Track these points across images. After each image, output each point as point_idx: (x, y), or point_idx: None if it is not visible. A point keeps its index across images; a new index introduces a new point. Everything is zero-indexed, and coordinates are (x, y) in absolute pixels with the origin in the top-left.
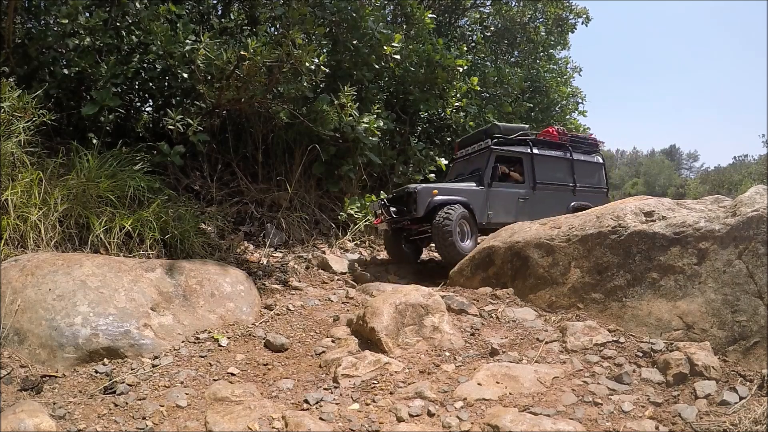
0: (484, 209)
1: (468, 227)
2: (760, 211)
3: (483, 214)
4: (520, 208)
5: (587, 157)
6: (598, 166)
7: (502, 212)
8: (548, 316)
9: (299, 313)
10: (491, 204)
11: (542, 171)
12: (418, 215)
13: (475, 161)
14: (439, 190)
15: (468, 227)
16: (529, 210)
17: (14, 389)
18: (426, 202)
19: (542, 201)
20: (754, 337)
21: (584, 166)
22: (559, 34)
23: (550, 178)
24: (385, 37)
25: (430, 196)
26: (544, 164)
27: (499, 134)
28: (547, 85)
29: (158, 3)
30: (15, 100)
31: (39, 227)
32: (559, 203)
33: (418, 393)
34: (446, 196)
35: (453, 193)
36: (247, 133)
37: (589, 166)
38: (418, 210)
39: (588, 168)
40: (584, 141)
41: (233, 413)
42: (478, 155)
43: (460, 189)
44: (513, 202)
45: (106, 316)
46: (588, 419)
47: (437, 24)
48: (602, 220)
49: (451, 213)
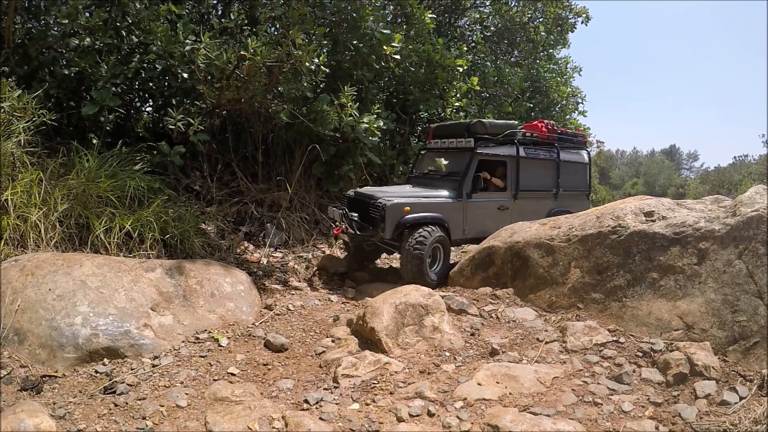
0: (460, 224)
1: (441, 252)
2: (760, 211)
3: (458, 230)
4: (498, 218)
5: (573, 156)
6: (583, 166)
7: (479, 225)
8: (548, 316)
9: (299, 313)
10: (468, 217)
11: (526, 176)
12: (385, 237)
13: (453, 160)
14: (411, 206)
15: (441, 252)
16: (507, 220)
17: (14, 389)
18: (395, 222)
19: (521, 210)
20: (754, 337)
21: (569, 167)
22: (559, 33)
23: (534, 184)
24: (385, 37)
25: (401, 213)
26: (529, 168)
27: (484, 134)
28: (547, 85)
29: (158, 3)
30: (15, 100)
31: (39, 227)
32: (538, 211)
33: (418, 393)
34: (420, 213)
35: (427, 208)
36: (247, 133)
37: (573, 166)
38: (385, 230)
39: (573, 168)
40: (572, 137)
41: (233, 413)
42: (456, 153)
43: (435, 204)
44: (491, 213)
45: (106, 316)
46: (588, 419)
47: (437, 24)
48: (602, 220)
49: (426, 237)
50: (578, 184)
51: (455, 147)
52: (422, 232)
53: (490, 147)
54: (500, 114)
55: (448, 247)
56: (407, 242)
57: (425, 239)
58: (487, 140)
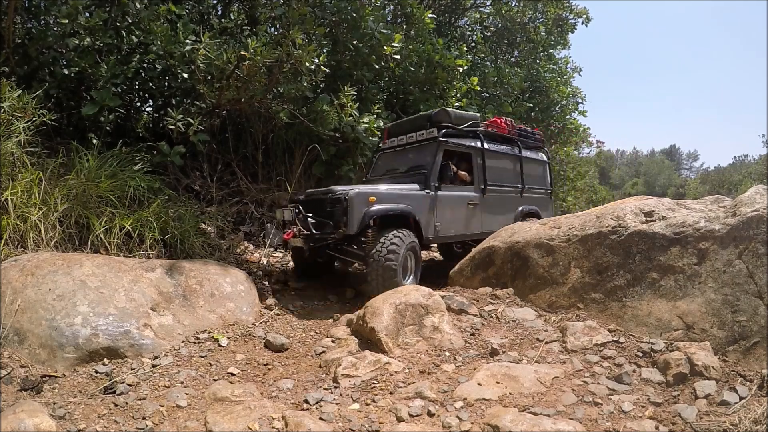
0: (431, 220)
1: (412, 261)
2: (760, 211)
3: (429, 227)
4: (470, 216)
5: (534, 154)
6: (544, 164)
7: (452, 223)
8: (548, 316)
9: (299, 313)
10: (439, 213)
11: (493, 170)
12: (349, 232)
13: (415, 155)
14: (377, 196)
15: (412, 261)
16: (479, 218)
17: (14, 389)
18: (361, 213)
19: (492, 207)
20: (754, 337)
21: (532, 164)
22: (559, 34)
23: (501, 179)
24: (385, 37)
25: (365, 204)
26: (495, 162)
27: (448, 123)
28: (547, 85)
29: (158, 3)
30: (15, 100)
31: (39, 227)
32: (508, 209)
33: (418, 393)
34: (386, 204)
35: (395, 199)
36: (247, 133)
37: (535, 164)
38: (349, 224)
39: (535, 166)
40: (531, 135)
41: (233, 413)
42: (418, 148)
43: (404, 194)
44: (463, 209)
45: (106, 316)
46: (588, 419)
47: (437, 24)
48: (602, 220)
49: (398, 245)
50: (541, 184)
51: (416, 141)
52: (393, 240)
53: (454, 138)
54: (500, 114)
55: (420, 254)
56: (376, 250)
57: (398, 246)
58: (450, 128)
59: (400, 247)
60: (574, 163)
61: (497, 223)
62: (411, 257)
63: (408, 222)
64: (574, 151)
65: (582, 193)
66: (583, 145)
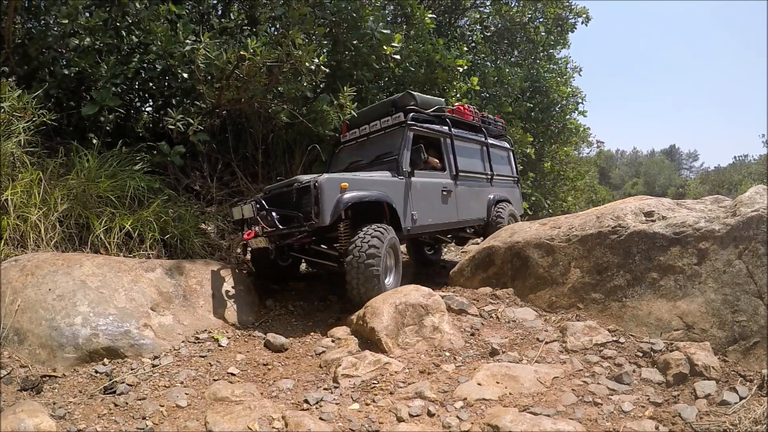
0: (408, 209)
1: (393, 258)
2: (760, 211)
3: (407, 217)
4: (446, 204)
5: (499, 142)
6: (508, 152)
7: (429, 211)
8: (548, 316)
9: (299, 313)
10: (415, 201)
11: (463, 157)
12: (321, 223)
13: (380, 143)
14: (349, 182)
15: (393, 258)
16: (454, 206)
17: (14, 389)
18: (333, 201)
19: (465, 194)
20: (754, 337)
21: (498, 152)
22: (559, 33)
23: (470, 166)
24: (385, 37)
25: (337, 191)
26: (464, 149)
27: (414, 106)
28: (547, 85)
29: (158, 3)
30: (15, 100)
31: (39, 227)
32: (480, 196)
33: (418, 393)
34: (360, 191)
35: (368, 186)
36: (247, 133)
37: (500, 151)
38: (321, 214)
39: (500, 153)
40: (494, 122)
41: (233, 413)
42: (383, 136)
43: (377, 181)
44: (438, 197)
45: (106, 316)
46: (588, 419)
47: (437, 24)
48: (602, 220)
49: (379, 246)
50: (508, 171)
51: (381, 128)
52: (372, 237)
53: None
54: (500, 114)
55: (399, 249)
56: (354, 249)
57: (378, 247)
58: (417, 112)
59: (380, 247)
60: (574, 163)
61: (472, 211)
62: (391, 254)
63: (383, 214)
64: (574, 151)
65: (582, 193)
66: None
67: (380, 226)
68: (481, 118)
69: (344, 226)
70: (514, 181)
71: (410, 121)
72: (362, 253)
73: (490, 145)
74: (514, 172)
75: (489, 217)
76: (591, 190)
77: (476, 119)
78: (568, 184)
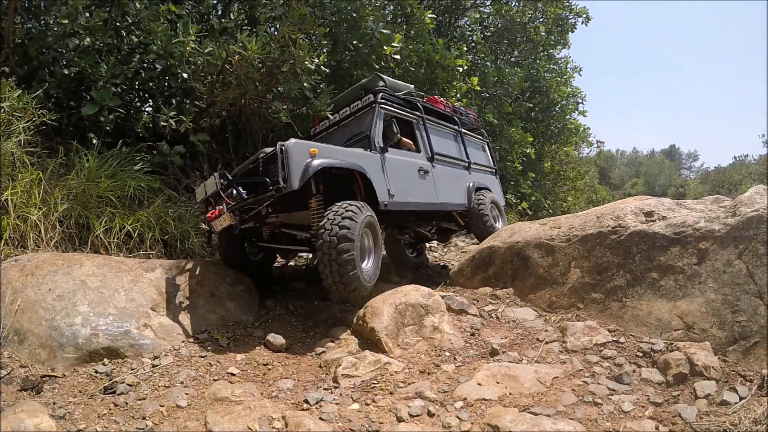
0: (384, 183)
1: (371, 239)
2: (760, 211)
3: (383, 191)
4: (422, 183)
5: (473, 134)
6: (484, 145)
7: (406, 188)
8: (548, 316)
9: (299, 313)
10: (390, 176)
11: (437, 141)
12: (290, 187)
13: (352, 127)
14: (320, 150)
15: (371, 239)
16: (433, 187)
17: (14, 389)
18: (301, 166)
19: (443, 177)
20: (754, 337)
21: (473, 142)
22: (559, 33)
23: (446, 150)
24: (385, 37)
25: (305, 155)
26: (438, 134)
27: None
28: (547, 85)
29: (158, 3)
30: (15, 100)
31: (39, 227)
32: (459, 182)
33: (418, 393)
34: (330, 158)
35: (341, 155)
36: (247, 133)
37: (476, 143)
38: (290, 178)
39: (476, 144)
40: (466, 115)
41: (233, 413)
42: (355, 120)
43: (349, 153)
44: (414, 175)
45: (106, 316)
46: (588, 419)
47: (437, 24)
48: (602, 220)
49: (352, 225)
50: (486, 162)
51: (351, 113)
52: (344, 221)
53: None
54: (500, 114)
55: (379, 233)
56: (325, 234)
57: (350, 227)
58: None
59: (353, 227)
60: (574, 163)
61: (452, 194)
62: (368, 235)
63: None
64: (574, 151)
65: (582, 193)
66: (583, 145)
67: (354, 203)
68: (453, 109)
69: (316, 202)
70: (492, 172)
71: (380, 99)
72: (333, 237)
73: (465, 135)
74: (492, 163)
75: (470, 203)
76: (591, 190)
77: (447, 110)
78: (568, 184)
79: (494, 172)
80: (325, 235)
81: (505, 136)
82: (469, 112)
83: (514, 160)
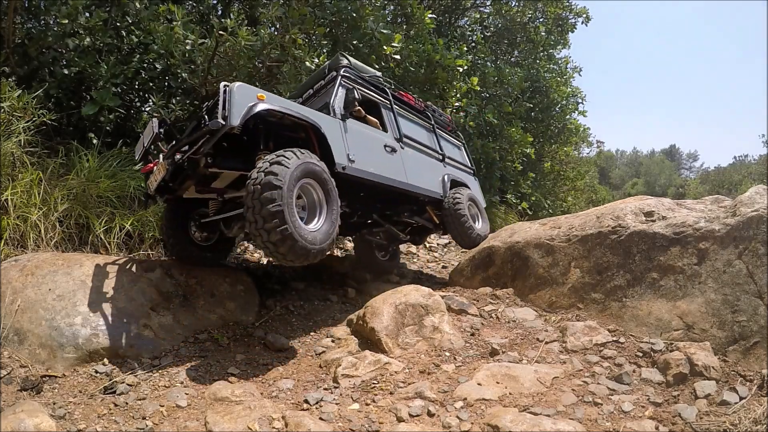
0: (342, 145)
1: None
2: (760, 211)
3: (341, 153)
4: (389, 158)
5: (448, 134)
6: (460, 146)
7: (369, 159)
8: (548, 316)
9: (299, 313)
10: (350, 142)
11: (407, 127)
12: (229, 124)
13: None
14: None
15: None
16: (401, 167)
17: (14, 389)
18: (244, 107)
19: (414, 161)
20: (754, 337)
21: (448, 139)
22: (559, 33)
23: (417, 138)
24: (385, 37)
25: (250, 99)
26: (407, 121)
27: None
28: (547, 85)
29: (158, 3)
30: (15, 100)
31: (39, 227)
32: (432, 171)
33: (418, 393)
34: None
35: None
36: None
37: (452, 142)
38: (230, 116)
39: (451, 143)
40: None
41: (233, 413)
42: (317, 98)
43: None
44: (379, 149)
45: (106, 316)
46: (588, 419)
47: (437, 24)
48: (602, 220)
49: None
50: (463, 161)
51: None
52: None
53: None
54: (500, 114)
55: (332, 187)
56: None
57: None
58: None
59: (282, 174)
60: (574, 163)
61: (423, 180)
62: (316, 189)
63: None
64: (574, 151)
65: (582, 193)
66: (583, 145)
67: (288, 150)
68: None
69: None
70: (471, 173)
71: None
72: (256, 186)
73: (439, 131)
74: (471, 164)
75: (445, 195)
76: (591, 190)
77: (420, 104)
78: (568, 184)
79: (473, 173)
80: (250, 185)
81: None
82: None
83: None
